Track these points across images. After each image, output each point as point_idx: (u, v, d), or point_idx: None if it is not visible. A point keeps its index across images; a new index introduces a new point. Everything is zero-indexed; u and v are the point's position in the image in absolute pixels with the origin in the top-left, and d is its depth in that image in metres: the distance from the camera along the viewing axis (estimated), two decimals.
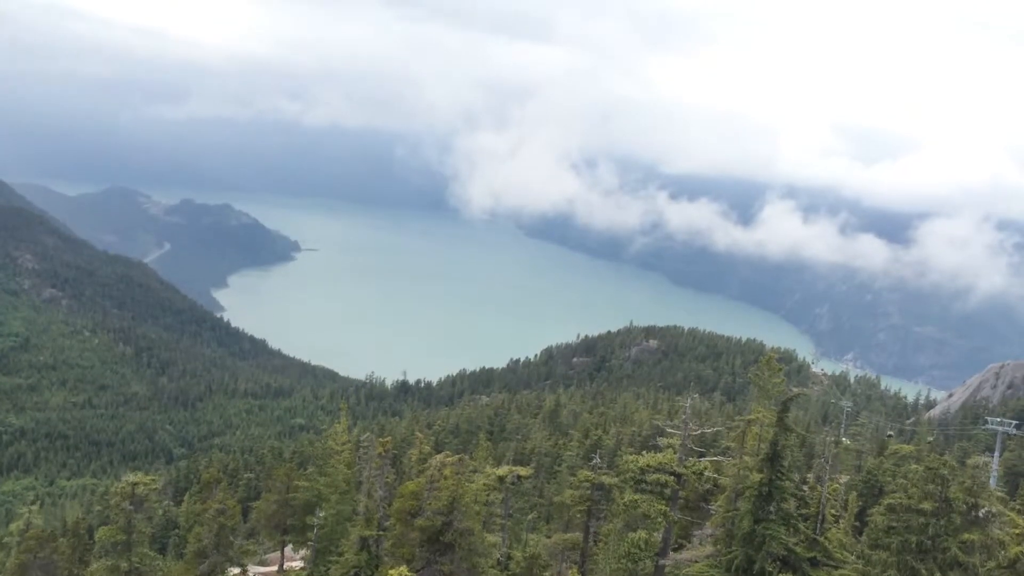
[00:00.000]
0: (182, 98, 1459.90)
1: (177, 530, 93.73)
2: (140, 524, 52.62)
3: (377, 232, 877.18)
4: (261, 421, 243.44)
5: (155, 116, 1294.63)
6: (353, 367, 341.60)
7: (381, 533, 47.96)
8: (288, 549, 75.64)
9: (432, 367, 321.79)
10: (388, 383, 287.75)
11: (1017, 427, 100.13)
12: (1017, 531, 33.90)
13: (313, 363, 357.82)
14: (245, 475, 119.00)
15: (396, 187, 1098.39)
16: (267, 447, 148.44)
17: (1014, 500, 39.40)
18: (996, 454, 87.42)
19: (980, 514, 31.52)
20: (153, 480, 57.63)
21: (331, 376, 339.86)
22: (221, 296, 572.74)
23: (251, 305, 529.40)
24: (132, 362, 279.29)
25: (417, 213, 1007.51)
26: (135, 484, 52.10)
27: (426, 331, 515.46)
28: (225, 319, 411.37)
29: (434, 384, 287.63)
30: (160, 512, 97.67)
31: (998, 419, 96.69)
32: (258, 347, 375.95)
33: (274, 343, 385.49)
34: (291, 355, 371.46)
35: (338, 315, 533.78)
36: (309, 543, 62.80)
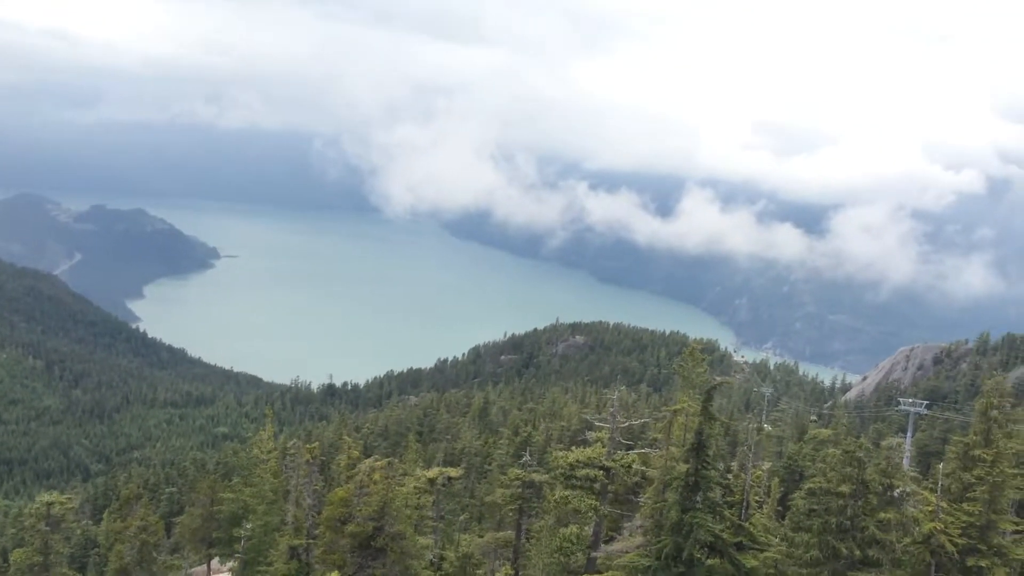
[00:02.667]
0: (94, 102, 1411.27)
1: (97, 549, 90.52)
2: (57, 545, 50.81)
3: (299, 235, 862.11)
4: (182, 432, 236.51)
5: (65, 121, 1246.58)
6: (278, 372, 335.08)
7: (311, 541, 47.30)
8: (215, 561, 73.88)
9: (359, 369, 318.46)
10: (314, 387, 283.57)
11: (928, 407, 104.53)
12: (930, 508, 35.33)
13: (236, 369, 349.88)
14: (167, 489, 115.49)
15: (317, 189, 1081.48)
16: (190, 459, 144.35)
17: (926, 479, 41.02)
18: (908, 434, 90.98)
19: (895, 494, 32.78)
20: (69, 499, 55.70)
21: (255, 382, 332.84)
22: (137, 307, 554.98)
23: (169, 315, 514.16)
24: (43, 375, 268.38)
25: (339, 214, 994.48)
26: (50, 504, 50.24)
27: (352, 334, 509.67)
28: (141, 329, 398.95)
29: (361, 386, 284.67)
30: (78, 531, 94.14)
31: (910, 400, 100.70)
32: (177, 356, 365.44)
33: (194, 352, 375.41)
34: (212, 363, 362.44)
35: (261, 322, 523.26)
36: (236, 555, 61.45)
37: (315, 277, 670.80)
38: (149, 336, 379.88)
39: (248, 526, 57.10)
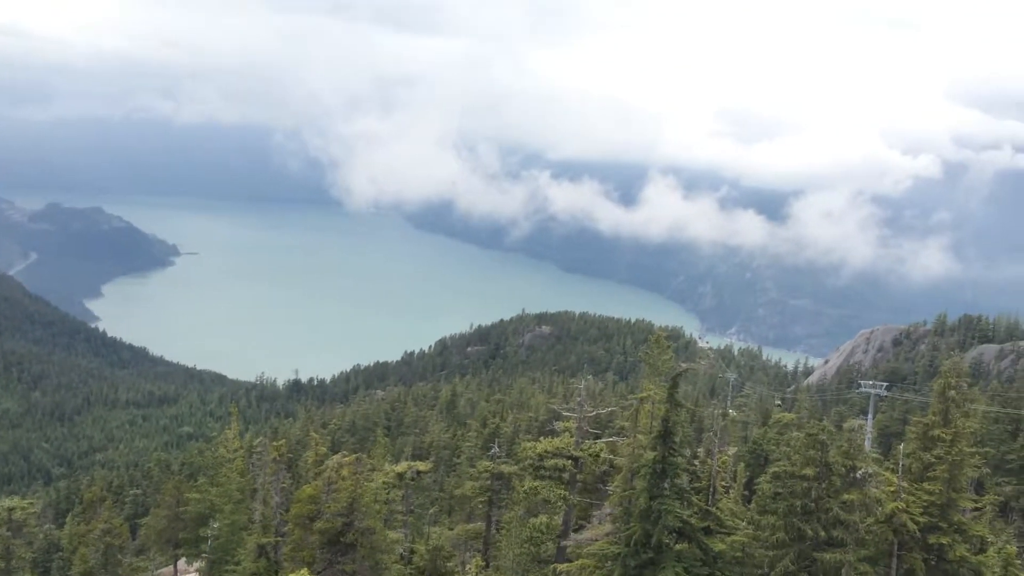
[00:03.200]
0: (48, 99, 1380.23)
1: (60, 553, 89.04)
2: (20, 550, 50.00)
3: (260, 231, 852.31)
4: (146, 432, 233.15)
5: (18, 118, 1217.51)
6: (242, 369, 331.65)
7: (279, 539, 46.95)
8: (181, 562, 73.08)
9: (325, 365, 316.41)
10: (280, 383, 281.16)
11: (888, 389, 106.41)
12: (892, 488, 36.04)
13: (199, 368, 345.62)
14: (131, 491, 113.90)
15: (277, 183, 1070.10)
16: (154, 460, 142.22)
17: (888, 460, 41.80)
18: (870, 416, 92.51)
19: (858, 475, 33.35)
20: (31, 503, 54.80)
21: (219, 380, 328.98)
22: (95, 306, 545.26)
23: (129, 314, 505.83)
24: (1, 378, 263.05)
25: (300, 208, 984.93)
26: (11, 509, 49.37)
27: (317, 329, 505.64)
28: (101, 329, 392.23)
29: (328, 381, 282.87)
30: (41, 536, 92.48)
31: (870, 382, 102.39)
32: (138, 355, 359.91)
33: (156, 351, 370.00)
34: (175, 361, 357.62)
35: (224, 318, 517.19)
36: (203, 555, 60.83)
37: (278, 272, 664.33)
38: (109, 336, 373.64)
39: (215, 526, 56.52)
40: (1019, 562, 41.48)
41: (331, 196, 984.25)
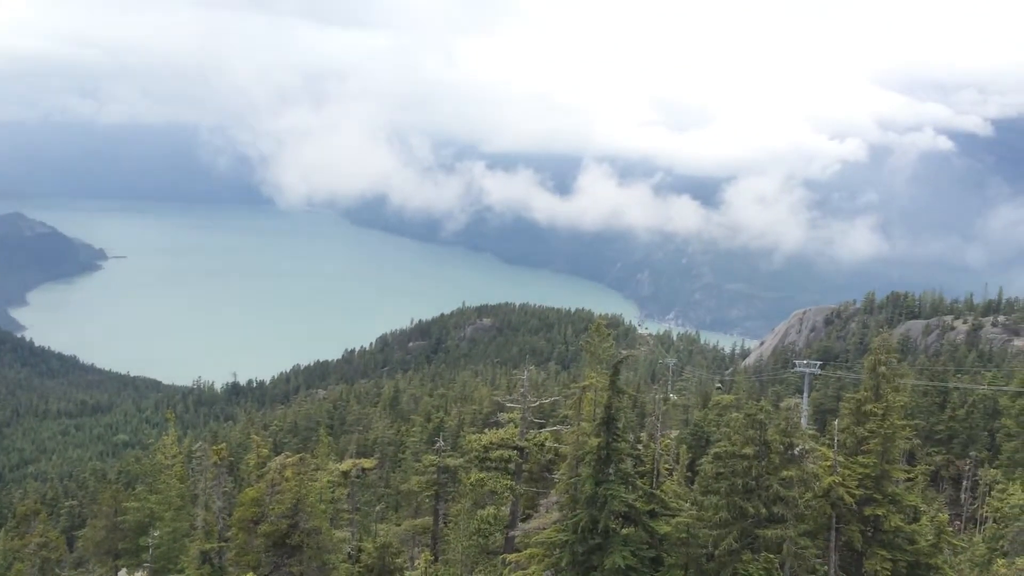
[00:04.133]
0: None
1: None
2: None
3: (190, 232, 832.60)
4: (79, 442, 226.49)
5: None
6: (178, 374, 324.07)
7: (223, 544, 46.19)
8: (122, 573, 71.34)
9: (264, 366, 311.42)
10: (218, 387, 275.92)
11: (821, 367, 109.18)
12: (828, 463, 37.01)
13: (133, 374, 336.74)
14: (67, 503, 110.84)
15: (206, 182, 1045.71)
16: (89, 469, 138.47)
17: (823, 436, 42.94)
18: (805, 394, 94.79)
19: (795, 452, 34.16)
20: None
21: (154, 386, 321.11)
22: (21, 315, 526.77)
23: (57, 321, 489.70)
24: None
25: (231, 207, 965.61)
26: None
27: (254, 330, 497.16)
28: (28, 338, 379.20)
29: (267, 383, 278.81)
30: None
31: (804, 362, 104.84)
32: (68, 364, 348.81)
33: (86, 358, 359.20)
34: (107, 369, 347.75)
35: (156, 323, 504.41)
36: (144, 564, 59.49)
37: (210, 274, 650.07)
38: (37, 345, 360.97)
39: (155, 534, 55.32)
40: (951, 529, 43.09)
41: (262, 194, 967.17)
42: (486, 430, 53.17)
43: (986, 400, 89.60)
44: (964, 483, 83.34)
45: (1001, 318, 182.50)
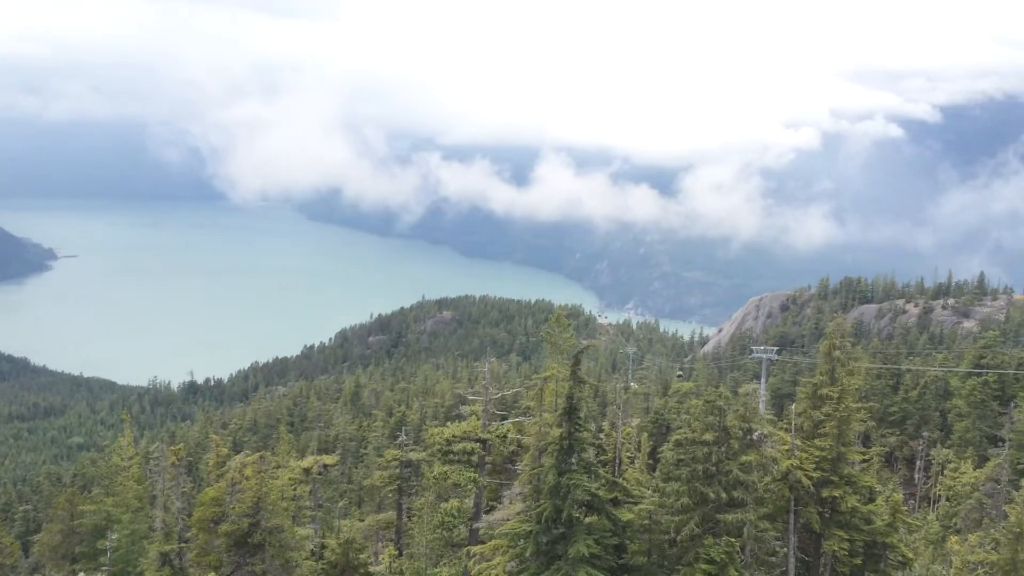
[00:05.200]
0: None
1: None
2: None
3: (143, 229, 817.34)
4: (32, 445, 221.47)
5: None
6: (133, 374, 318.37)
7: (183, 545, 45.57)
8: None
9: (221, 364, 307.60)
10: (174, 386, 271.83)
11: (778, 353, 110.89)
12: (786, 447, 37.60)
13: (86, 375, 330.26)
14: (21, 508, 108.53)
15: (158, 178, 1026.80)
16: (43, 473, 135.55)
17: (781, 420, 43.60)
18: (763, 380, 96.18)
19: (754, 437, 34.63)
20: None
21: (109, 387, 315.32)
22: None
23: (5, 323, 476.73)
24: None
25: (184, 204, 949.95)
26: None
27: (211, 328, 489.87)
28: None
29: (225, 381, 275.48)
30: None
31: (762, 347, 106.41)
32: (19, 366, 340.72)
33: (38, 360, 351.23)
34: (59, 370, 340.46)
35: (110, 323, 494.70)
36: (103, 568, 58.51)
37: (164, 272, 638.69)
38: None
39: (113, 537, 54.40)
40: (905, 508, 44.05)
41: (215, 188, 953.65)
42: (448, 423, 53.08)
43: (937, 381, 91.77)
44: (917, 463, 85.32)
45: (951, 301, 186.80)
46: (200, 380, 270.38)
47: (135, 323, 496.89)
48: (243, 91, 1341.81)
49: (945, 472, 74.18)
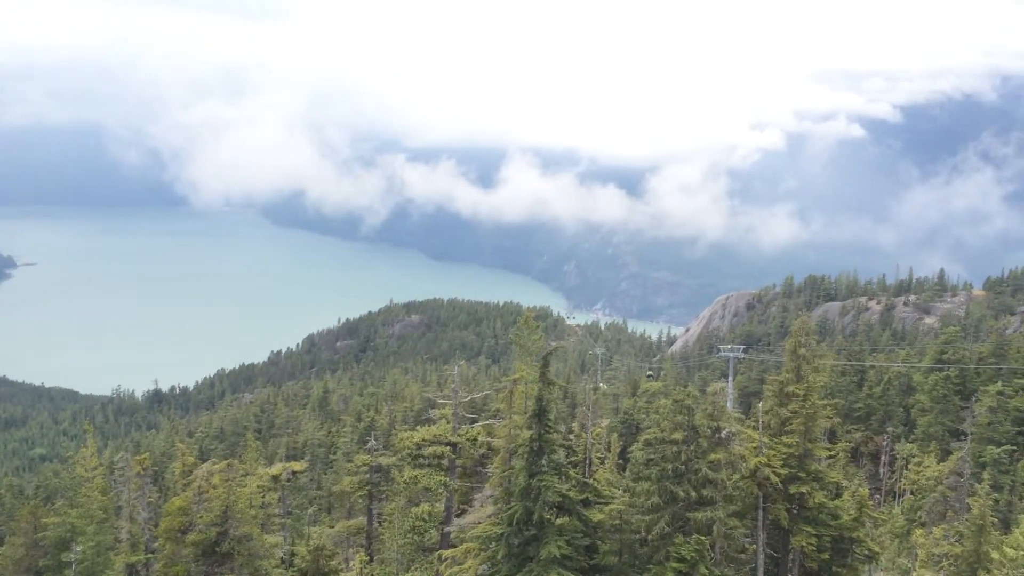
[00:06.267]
0: None
1: None
2: None
3: (104, 236, 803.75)
4: None
5: None
6: (96, 383, 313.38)
7: (150, 556, 44.95)
8: None
9: (186, 372, 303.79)
10: (138, 395, 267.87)
11: (745, 351, 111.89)
12: (754, 445, 37.94)
13: (48, 385, 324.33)
14: None
15: (118, 184, 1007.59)
16: (5, 485, 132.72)
17: (748, 418, 44.00)
18: (730, 378, 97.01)
19: (722, 435, 34.92)
20: None
21: (71, 396, 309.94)
22: None
23: None
24: None
25: (146, 209, 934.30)
26: None
27: (175, 336, 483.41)
28: None
29: (191, 389, 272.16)
30: None
31: (728, 346, 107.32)
32: None
33: None
34: (20, 380, 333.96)
35: (71, 332, 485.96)
36: None
37: (127, 279, 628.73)
38: None
39: (78, 549, 53.47)
40: (871, 503, 44.66)
41: (176, 192, 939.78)
42: (418, 427, 52.90)
43: (901, 377, 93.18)
44: (882, 458, 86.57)
45: (912, 297, 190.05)
46: (165, 388, 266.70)
47: (97, 331, 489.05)
48: (204, 94, 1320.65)
49: (909, 466, 75.35)
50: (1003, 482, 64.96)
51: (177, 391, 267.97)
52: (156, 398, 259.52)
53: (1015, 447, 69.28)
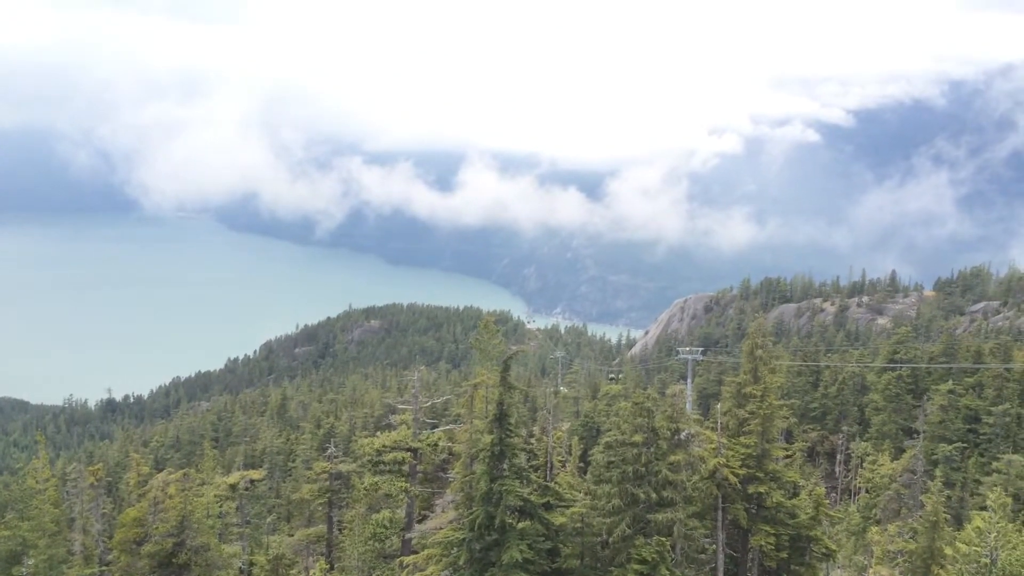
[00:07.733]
0: None
1: None
2: None
3: (54, 243, 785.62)
4: None
5: None
6: (47, 393, 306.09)
7: (104, 568, 44.06)
8: None
9: (140, 380, 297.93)
10: (91, 404, 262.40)
11: (703, 353, 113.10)
12: (712, 446, 38.35)
13: None
14: None
15: (68, 190, 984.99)
16: None
17: (707, 419, 44.47)
18: (689, 380, 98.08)
19: (682, 437, 35.24)
20: None
21: (21, 407, 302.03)
22: None
23: None
24: None
25: (97, 216, 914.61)
26: None
27: (129, 344, 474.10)
28: None
29: (145, 397, 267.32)
30: None
31: (687, 348, 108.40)
32: None
33: None
34: None
35: (21, 341, 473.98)
36: None
37: (78, 287, 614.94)
38: None
39: (30, 562, 52.15)
40: (827, 501, 45.36)
41: (128, 197, 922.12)
42: (378, 433, 52.58)
43: (855, 377, 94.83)
44: (838, 456, 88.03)
45: (865, 299, 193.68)
46: (119, 397, 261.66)
47: (47, 340, 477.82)
48: (157, 95, 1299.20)
49: (864, 465, 76.70)
50: (955, 479, 66.45)
51: (131, 400, 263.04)
52: (109, 407, 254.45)
53: (966, 444, 70.92)
